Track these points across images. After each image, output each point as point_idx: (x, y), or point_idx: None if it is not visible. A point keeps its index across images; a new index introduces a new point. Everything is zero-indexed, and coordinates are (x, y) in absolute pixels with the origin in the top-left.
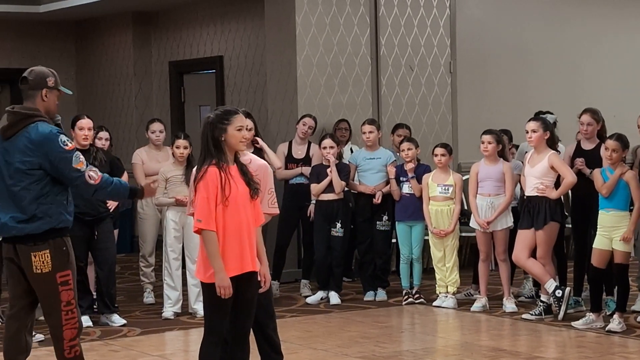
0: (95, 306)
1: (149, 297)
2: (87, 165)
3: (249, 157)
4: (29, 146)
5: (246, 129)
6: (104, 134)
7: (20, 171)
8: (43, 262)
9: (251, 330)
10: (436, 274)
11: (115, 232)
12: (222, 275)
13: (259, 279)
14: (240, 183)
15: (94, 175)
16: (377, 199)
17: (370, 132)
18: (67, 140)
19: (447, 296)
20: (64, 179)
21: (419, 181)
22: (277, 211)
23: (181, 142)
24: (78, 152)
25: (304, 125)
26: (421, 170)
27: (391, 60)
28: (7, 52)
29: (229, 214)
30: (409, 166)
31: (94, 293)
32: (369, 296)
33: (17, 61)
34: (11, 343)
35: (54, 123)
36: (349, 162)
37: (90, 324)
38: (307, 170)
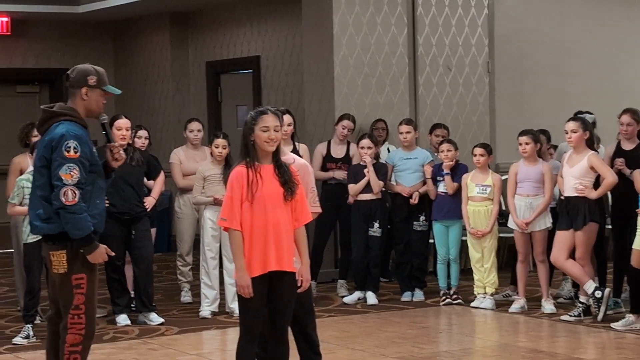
0: (133, 305)
1: (186, 296)
2: (75, 182)
3: (290, 156)
4: (45, 144)
5: (274, 129)
6: (142, 133)
7: (37, 168)
8: (60, 263)
9: (290, 329)
10: (474, 275)
11: (153, 231)
12: (242, 274)
13: (297, 278)
14: (272, 183)
15: (70, 195)
16: (414, 200)
17: (407, 132)
18: (74, 148)
19: (485, 297)
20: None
21: (454, 179)
22: (319, 210)
23: (220, 141)
24: (75, 166)
25: (342, 128)
26: (460, 170)
27: (429, 60)
28: (46, 52)
29: (255, 213)
30: (447, 164)
31: (132, 292)
32: (406, 296)
33: (56, 61)
34: (49, 345)
35: (100, 123)
36: (386, 162)
37: (128, 322)
38: (340, 174)
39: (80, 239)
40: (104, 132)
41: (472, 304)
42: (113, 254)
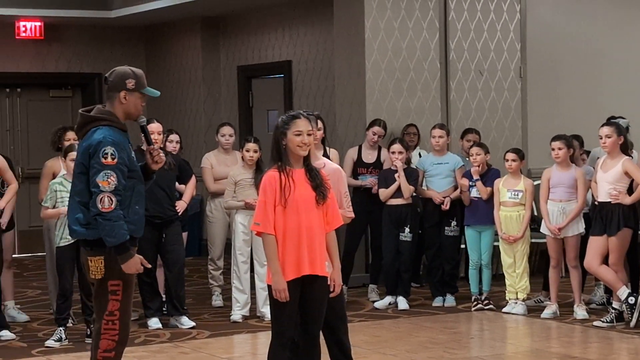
0: (164, 308)
1: (217, 300)
2: (112, 189)
3: (322, 161)
4: (83, 150)
5: (307, 134)
6: (174, 137)
7: (75, 174)
8: (97, 268)
9: (322, 334)
10: (506, 280)
11: (185, 235)
12: (278, 278)
13: (328, 283)
14: (304, 187)
15: (107, 201)
16: (446, 206)
17: (439, 136)
18: (111, 154)
19: (517, 302)
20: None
21: (486, 184)
22: (352, 215)
23: (251, 145)
24: (112, 172)
25: (373, 134)
26: (491, 175)
27: (460, 65)
28: (79, 57)
29: (288, 217)
30: (475, 170)
31: (163, 295)
32: (437, 302)
33: (89, 65)
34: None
35: (139, 125)
36: (417, 167)
37: (160, 325)
38: (372, 181)
39: (114, 246)
40: (143, 135)
41: (504, 310)
42: (149, 265)
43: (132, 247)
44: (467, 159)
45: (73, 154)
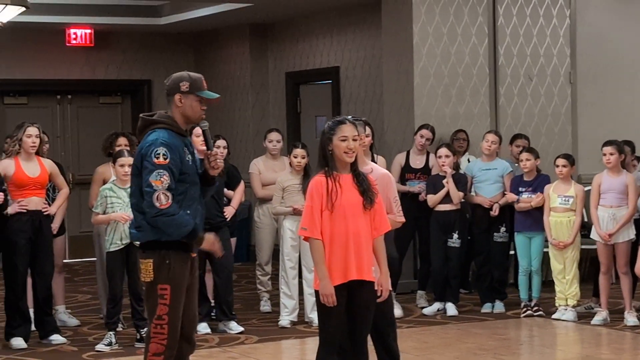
0: (213, 313)
1: (265, 306)
2: (166, 188)
3: (370, 166)
4: (137, 152)
5: (352, 139)
6: (221, 142)
7: (131, 177)
8: (147, 271)
9: (372, 339)
10: (556, 287)
11: (233, 240)
12: (325, 283)
13: (376, 288)
14: (351, 192)
15: (163, 198)
16: (495, 212)
17: (492, 141)
18: (163, 154)
19: (566, 309)
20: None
21: (536, 190)
22: (403, 219)
23: (299, 151)
24: (164, 172)
25: (421, 137)
26: (541, 180)
27: (509, 70)
28: (128, 64)
29: (334, 222)
30: (529, 176)
31: (212, 300)
32: (486, 308)
33: (138, 72)
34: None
35: (201, 129)
36: (465, 172)
37: (209, 330)
38: (416, 188)
39: (187, 235)
40: (203, 140)
41: (554, 316)
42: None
43: (202, 233)
44: (516, 164)
45: (122, 160)
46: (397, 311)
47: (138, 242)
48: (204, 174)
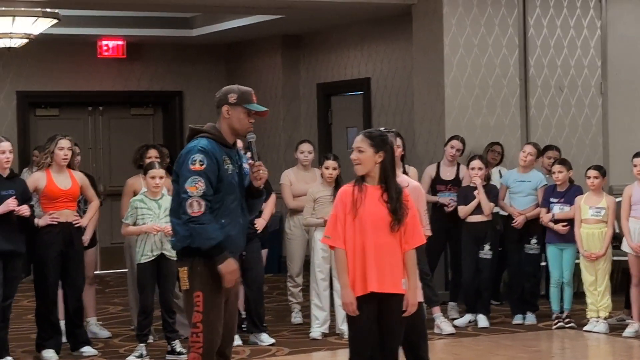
0: (244, 325)
1: (296, 317)
2: (201, 195)
3: (404, 178)
4: (178, 159)
5: (357, 150)
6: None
7: (172, 182)
8: (183, 279)
9: (403, 352)
10: (587, 298)
11: (264, 252)
12: (346, 292)
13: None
14: (376, 205)
15: (196, 206)
16: (517, 224)
17: (529, 153)
18: (200, 161)
19: (598, 321)
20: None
21: (567, 202)
22: (429, 233)
23: (330, 163)
24: (200, 178)
25: (451, 148)
26: (573, 191)
27: (540, 82)
28: (160, 75)
29: (356, 233)
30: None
31: (243, 312)
32: (517, 319)
33: (170, 84)
34: None
35: (247, 142)
36: (501, 183)
37: (240, 342)
38: (445, 200)
39: (212, 248)
40: (248, 151)
41: (585, 328)
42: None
43: (227, 251)
44: (547, 175)
45: (153, 172)
46: (447, 328)
47: (175, 250)
48: (250, 186)
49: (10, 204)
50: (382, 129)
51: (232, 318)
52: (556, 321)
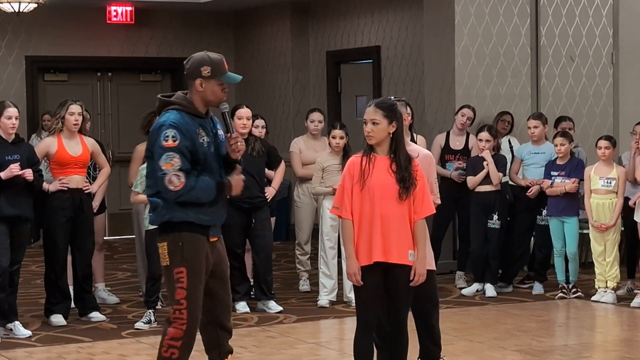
0: (252, 292)
1: (304, 285)
2: (178, 169)
3: (415, 147)
4: (150, 134)
5: (371, 122)
6: (259, 122)
7: (145, 158)
8: (163, 255)
9: (414, 320)
10: (596, 269)
11: (272, 220)
12: (351, 262)
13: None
14: (384, 175)
15: (175, 180)
16: (531, 194)
17: (535, 126)
18: (172, 137)
19: (606, 291)
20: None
21: (570, 175)
22: (439, 201)
23: (337, 132)
24: (174, 154)
25: (462, 116)
26: (575, 164)
27: (551, 51)
28: (169, 42)
29: (363, 203)
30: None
31: (251, 280)
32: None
33: (178, 50)
34: (203, 336)
35: (221, 112)
36: (515, 155)
37: (248, 309)
38: (455, 175)
39: (217, 189)
40: (223, 122)
41: (593, 298)
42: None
43: (225, 180)
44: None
45: None
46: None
47: (153, 225)
48: (226, 157)
49: (14, 168)
50: (391, 97)
51: (228, 291)
52: (560, 292)
